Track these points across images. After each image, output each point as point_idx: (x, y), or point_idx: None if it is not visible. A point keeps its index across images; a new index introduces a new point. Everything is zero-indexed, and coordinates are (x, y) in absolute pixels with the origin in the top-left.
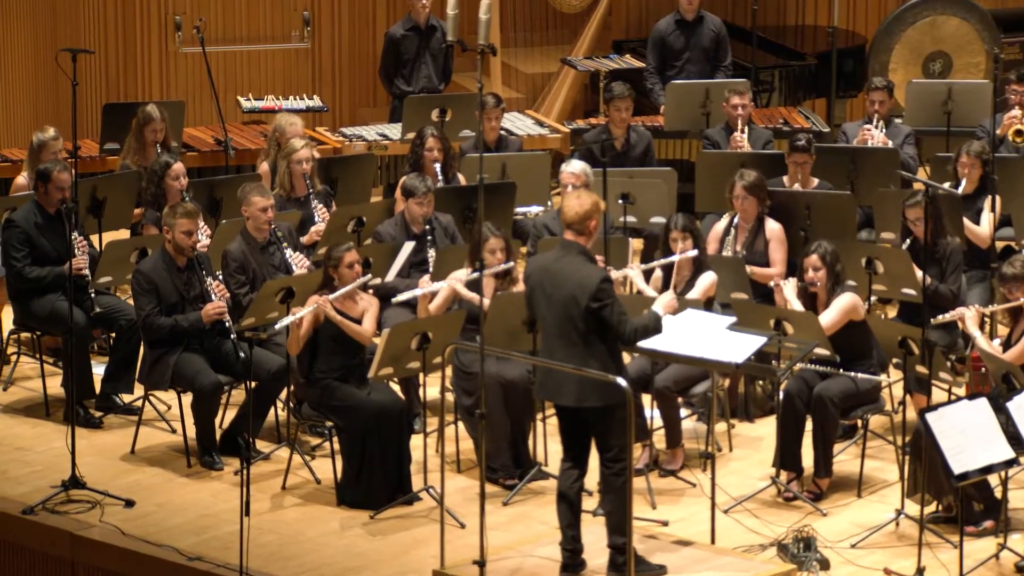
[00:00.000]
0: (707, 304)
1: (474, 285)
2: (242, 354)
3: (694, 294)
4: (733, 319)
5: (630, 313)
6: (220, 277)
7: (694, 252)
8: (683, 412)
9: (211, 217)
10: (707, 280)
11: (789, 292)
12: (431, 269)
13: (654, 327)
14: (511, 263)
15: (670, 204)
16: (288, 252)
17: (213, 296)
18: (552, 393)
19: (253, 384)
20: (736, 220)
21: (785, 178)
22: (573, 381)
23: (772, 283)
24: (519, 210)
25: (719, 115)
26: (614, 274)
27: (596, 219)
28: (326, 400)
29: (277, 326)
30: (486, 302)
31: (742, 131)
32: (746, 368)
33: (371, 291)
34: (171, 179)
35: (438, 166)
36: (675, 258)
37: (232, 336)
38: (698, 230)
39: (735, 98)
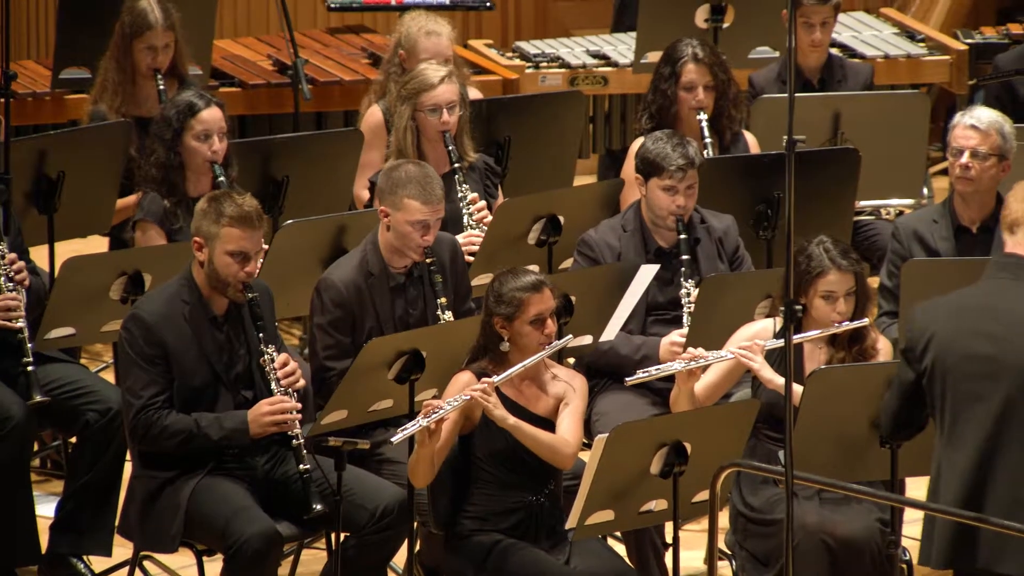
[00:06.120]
0: None
1: (781, 356)
2: (314, 471)
3: None
4: None
5: None
6: (279, 338)
7: None
8: None
9: (265, 213)
10: None
11: None
12: (689, 319)
13: None
14: (865, 320)
15: None
16: (442, 307)
17: (273, 385)
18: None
19: (342, 537)
20: None
21: None
22: None
23: None
24: (865, 204)
25: None
26: None
27: None
28: (486, 570)
29: (396, 439)
30: (797, 389)
31: None
32: None
33: (571, 360)
34: (195, 138)
35: (704, 118)
36: None
37: (303, 467)
38: None
39: None
